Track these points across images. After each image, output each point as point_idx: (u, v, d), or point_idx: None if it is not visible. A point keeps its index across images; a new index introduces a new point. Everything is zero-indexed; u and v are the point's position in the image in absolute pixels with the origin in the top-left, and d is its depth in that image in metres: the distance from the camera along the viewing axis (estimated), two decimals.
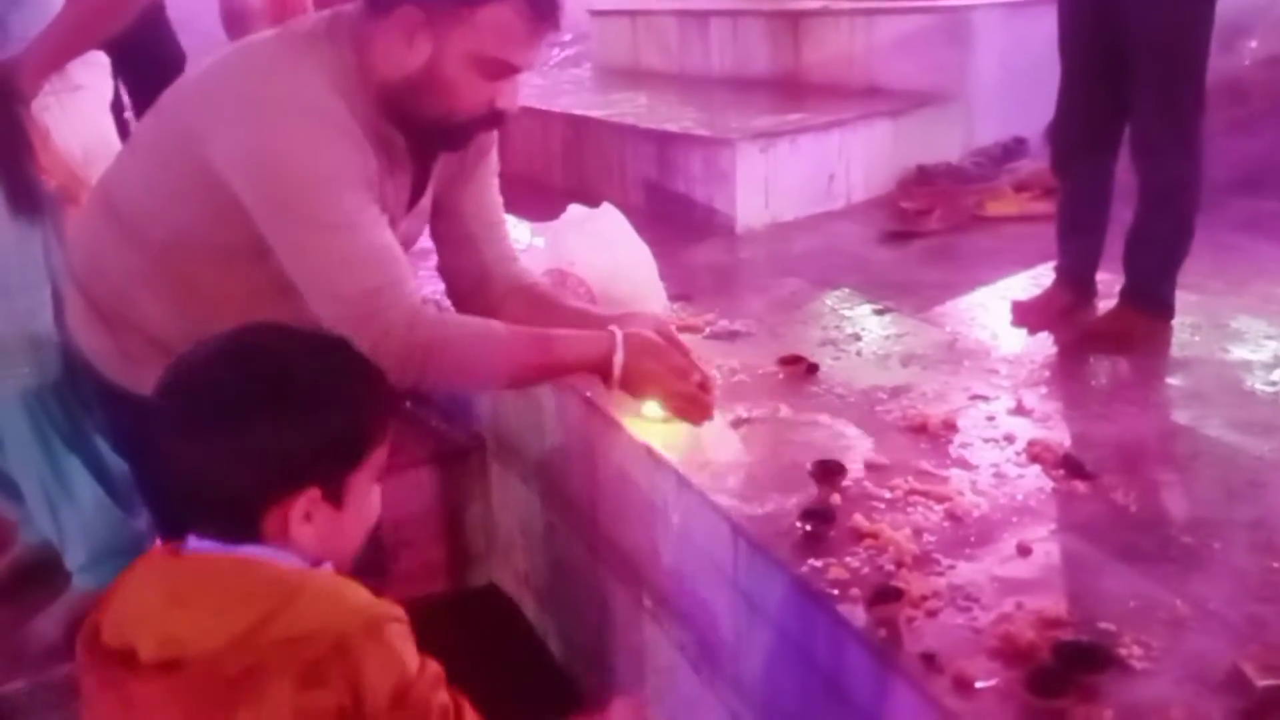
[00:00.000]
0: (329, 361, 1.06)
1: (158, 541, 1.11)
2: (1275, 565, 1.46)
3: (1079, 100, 2.32)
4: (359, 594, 1.02)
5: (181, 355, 1.05)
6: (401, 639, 1.00)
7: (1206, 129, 2.23)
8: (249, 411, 0.99)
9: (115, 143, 2.23)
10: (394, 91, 1.38)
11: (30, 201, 1.97)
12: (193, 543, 1.03)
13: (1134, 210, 2.26)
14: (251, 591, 0.96)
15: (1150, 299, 2.26)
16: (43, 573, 2.35)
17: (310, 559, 1.04)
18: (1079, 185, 2.38)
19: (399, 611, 1.02)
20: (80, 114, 2.12)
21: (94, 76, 2.17)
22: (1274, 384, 2.01)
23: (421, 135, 1.45)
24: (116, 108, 3.83)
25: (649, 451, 1.88)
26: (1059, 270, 2.45)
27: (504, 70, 1.38)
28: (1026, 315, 2.39)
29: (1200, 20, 2.10)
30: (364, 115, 1.38)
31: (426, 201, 1.61)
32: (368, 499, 1.09)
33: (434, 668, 1.04)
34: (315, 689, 0.93)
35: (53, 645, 2.14)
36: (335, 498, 1.04)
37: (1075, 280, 2.42)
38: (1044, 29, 3.71)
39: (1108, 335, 2.24)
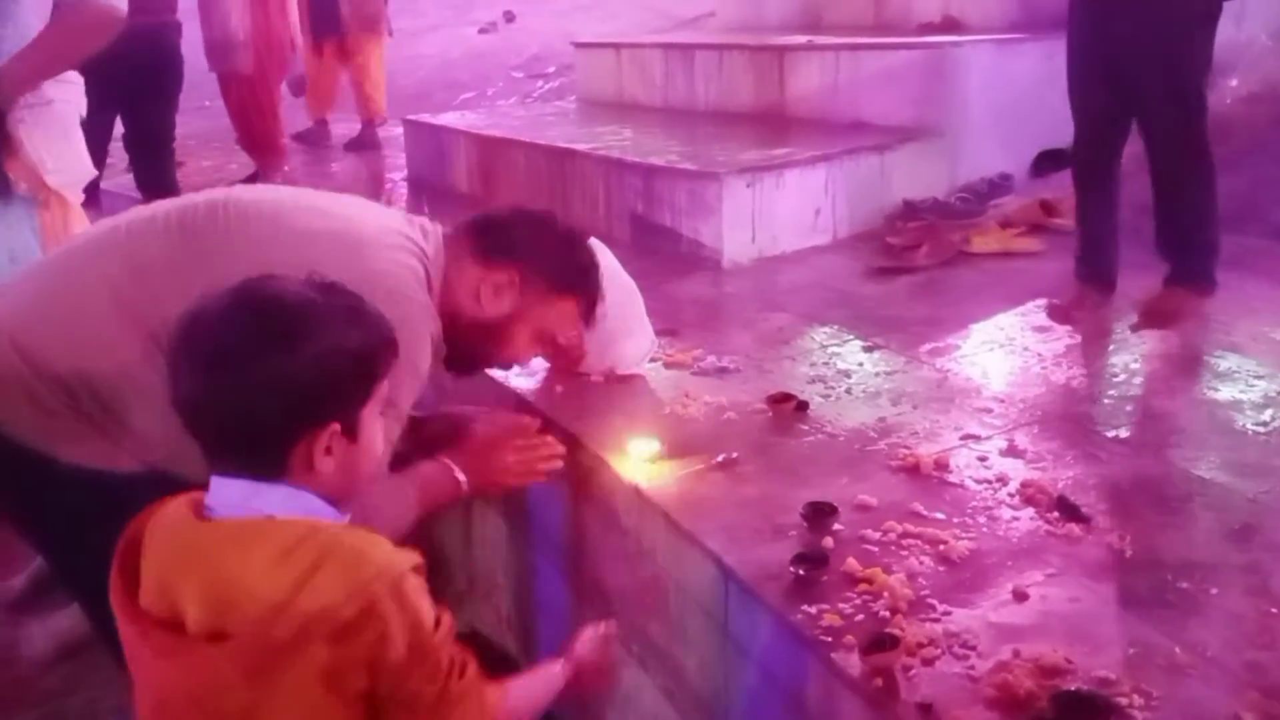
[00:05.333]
0: (336, 301, 1.14)
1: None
2: (1273, 610, 1.44)
3: (1091, 115, 2.54)
4: (381, 551, 1.08)
5: (193, 309, 1.11)
6: (419, 593, 1.08)
7: None
8: (269, 351, 1.07)
9: (82, 153, 2.31)
10: (464, 321, 1.59)
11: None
12: (215, 492, 1.11)
13: (1157, 210, 2.48)
14: (286, 553, 1.04)
15: (1198, 276, 2.47)
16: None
17: (329, 496, 1.13)
18: (1092, 193, 2.61)
19: (417, 559, 1.10)
20: (51, 126, 2.18)
21: (64, 92, 2.23)
22: (1265, 424, 2.00)
23: (457, 364, 1.69)
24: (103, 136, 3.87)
25: (637, 492, 1.85)
26: (1082, 275, 2.64)
27: (551, 344, 1.72)
28: (1067, 314, 2.57)
29: (1202, 40, 2.32)
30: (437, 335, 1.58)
31: None
32: (375, 432, 1.18)
33: (447, 621, 1.12)
34: (346, 646, 1.03)
35: (40, 657, 2.17)
36: (351, 432, 1.13)
37: (1100, 279, 2.61)
38: (1028, 65, 3.78)
39: (1163, 313, 2.45)
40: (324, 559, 1.03)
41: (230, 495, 1.10)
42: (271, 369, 1.06)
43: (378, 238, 1.56)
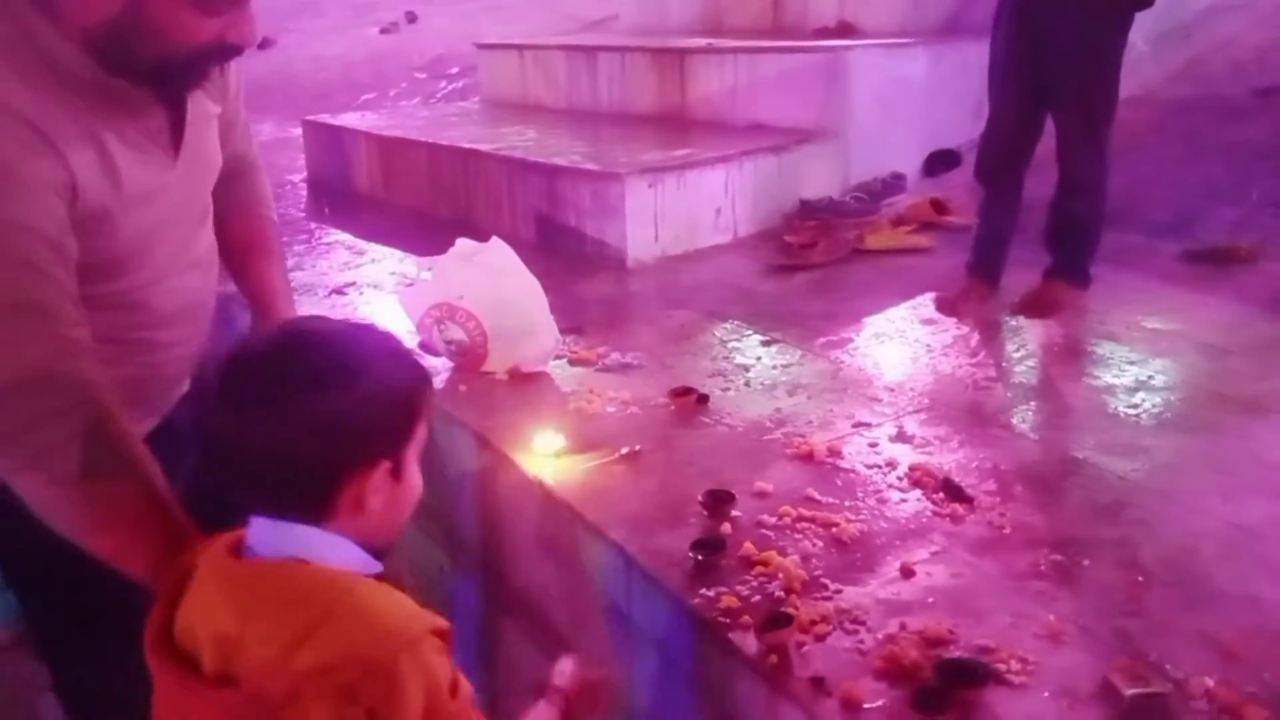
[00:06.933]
0: (377, 340, 1.11)
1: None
2: (1139, 580, 1.54)
3: (1006, 120, 2.65)
4: (395, 612, 1.02)
5: (236, 350, 1.05)
6: (435, 657, 1.01)
7: None
8: (322, 391, 1.02)
9: None
10: (98, 38, 1.17)
11: None
12: (255, 532, 1.05)
13: (1053, 203, 2.63)
14: (294, 602, 0.99)
15: (1075, 272, 2.64)
16: None
17: (366, 537, 1.08)
18: (999, 193, 2.73)
19: (439, 623, 1.03)
20: None
21: None
22: (1136, 406, 2.12)
23: (147, 79, 1.23)
24: None
25: (542, 486, 1.88)
26: (973, 267, 2.76)
27: (220, 3, 1.18)
28: (953, 307, 2.70)
29: (1114, 44, 2.48)
30: (63, 78, 1.17)
31: (198, 140, 1.36)
32: (416, 472, 1.13)
33: (466, 689, 1.05)
34: (349, 707, 0.96)
35: None
36: (398, 472, 1.09)
37: (989, 274, 2.74)
38: (918, 68, 3.91)
39: (1041, 303, 2.62)
40: (329, 615, 0.98)
41: (270, 536, 1.05)
42: (325, 410, 1.02)
43: None
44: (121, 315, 1.28)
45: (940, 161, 3.94)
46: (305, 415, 1.01)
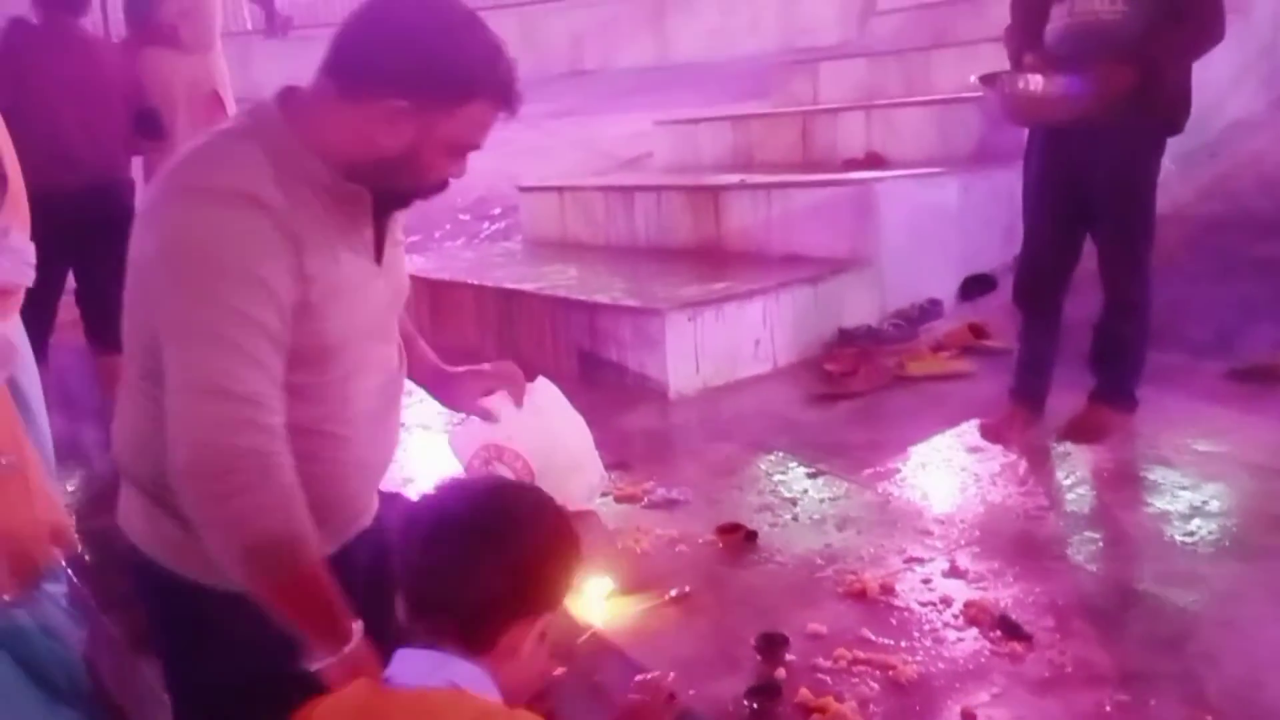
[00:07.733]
0: (558, 508, 1.21)
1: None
2: (1208, 718, 1.50)
3: (1043, 244, 2.69)
4: None
5: (428, 496, 1.19)
6: None
7: None
8: (526, 534, 1.13)
9: None
10: (362, 166, 1.41)
11: None
12: (400, 663, 1.11)
13: (1098, 326, 2.63)
14: None
15: (1121, 395, 2.62)
16: None
17: (507, 689, 1.12)
18: (1038, 316, 2.74)
19: None
20: None
21: None
22: (1191, 534, 2.09)
23: (382, 196, 1.46)
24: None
25: (591, 631, 1.87)
26: (1016, 393, 2.75)
27: (469, 151, 1.45)
28: (999, 434, 2.69)
29: (1150, 168, 2.53)
30: (312, 187, 1.37)
31: (394, 260, 1.57)
32: (546, 653, 1.18)
33: None
34: None
35: None
36: (543, 636, 1.15)
37: (1032, 399, 2.73)
38: (948, 196, 3.99)
39: (1089, 428, 2.61)
40: None
41: (418, 666, 1.11)
42: (523, 552, 1.11)
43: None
44: (316, 407, 1.40)
45: (976, 286, 3.98)
46: (504, 553, 1.10)
